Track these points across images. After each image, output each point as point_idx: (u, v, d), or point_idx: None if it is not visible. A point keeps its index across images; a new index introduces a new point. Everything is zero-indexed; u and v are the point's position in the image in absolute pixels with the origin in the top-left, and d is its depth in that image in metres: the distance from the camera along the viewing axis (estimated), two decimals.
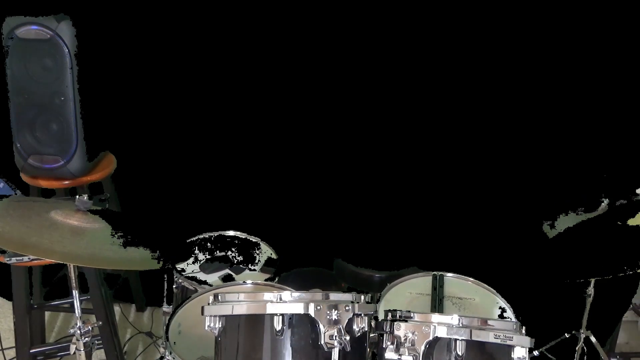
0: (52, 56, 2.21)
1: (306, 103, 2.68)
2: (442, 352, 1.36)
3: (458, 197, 2.72)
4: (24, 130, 2.29)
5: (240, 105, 2.72)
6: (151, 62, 2.66)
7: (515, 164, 2.64)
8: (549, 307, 2.54)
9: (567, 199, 2.19)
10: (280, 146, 2.76)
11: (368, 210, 2.79)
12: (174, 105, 2.74)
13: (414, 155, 2.70)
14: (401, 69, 2.59)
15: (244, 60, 2.64)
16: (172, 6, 2.57)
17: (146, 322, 2.97)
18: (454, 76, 2.57)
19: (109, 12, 2.54)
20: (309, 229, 2.77)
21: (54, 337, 2.85)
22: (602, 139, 2.53)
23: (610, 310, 2.60)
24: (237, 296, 1.43)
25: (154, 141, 2.79)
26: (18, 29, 2.19)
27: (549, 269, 1.85)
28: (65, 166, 2.32)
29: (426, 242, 2.65)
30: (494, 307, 1.90)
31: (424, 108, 2.63)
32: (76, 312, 1.68)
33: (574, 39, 2.44)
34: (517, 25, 2.46)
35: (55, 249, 1.41)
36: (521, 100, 2.57)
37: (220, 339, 1.45)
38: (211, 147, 2.78)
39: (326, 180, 2.77)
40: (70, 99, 2.25)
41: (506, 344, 1.37)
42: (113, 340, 2.38)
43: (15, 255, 1.99)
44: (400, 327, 1.37)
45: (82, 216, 1.58)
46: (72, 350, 1.70)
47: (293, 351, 1.36)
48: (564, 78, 2.51)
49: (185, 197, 2.86)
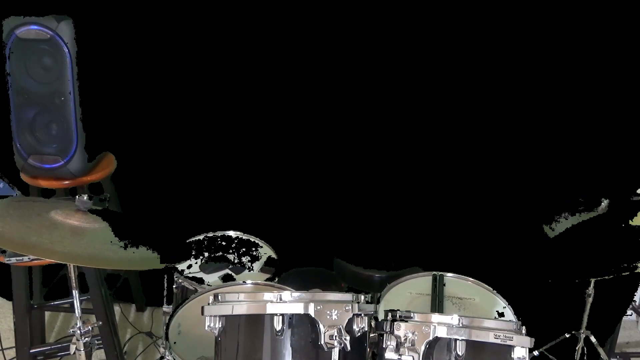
0: (52, 56, 2.21)
1: (306, 103, 2.68)
2: (442, 352, 1.37)
3: (458, 198, 2.72)
4: (24, 130, 2.29)
5: (240, 106, 2.72)
6: (151, 62, 2.66)
7: (515, 164, 2.64)
8: (549, 307, 2.54)
9: (567, 199, 2.19)
10: (280, 146, 2.76)
11: (368, 210, 2.79)
12: (173, 105, 2.74)
13: (413, 155, 2.70)
14: (401, 68, 2.59)
15: (243, 61, 2.64)
16: (172, 6, 2.57)
17: (146, 322, 2.97)
18: (454, 76, 2.57)
19: (109, 12, 2.54)
20: (309, 229, 2.77)
21: (54, 337, 2.85)
22: (602, 139, 2.53)
23: (610, 310, 2.60)
24: (237, 296, 1.43)
25: (154, 141, 2.79)
26: (18, 29, 2.19)
27: (549, 269, 1.85)
28: (65, 166, 2.32)
29: (426, 242, 2.65)
30: (494, 307, 1.90)
31: (425, 108, 2.63)
32: (76, 312, 1.68)
33: (575, 38, 2.44)
34: (518, 26, 2.46)
35: (55, 249, 1.41)
36: (522, 100, 2.57)
37: (220, 339, 1.45)
38: (211, 147, 2.78)
39: (326, 180, 2.76)
40: (70, 99, 2.25)
41: (506, 344, 1.36)
42: (113, 340, 2.38)
43: (15, 255, 1.99)
44: (400, 327, 1.37)
45: (82, 216, 1.58)
46: (72, 350, 1.70)
47: (293, 351, 1.37)
48: (564, 78, 2.51)
49: (185, 197, 2.86)
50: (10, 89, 2.26)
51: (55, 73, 2.23)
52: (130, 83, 2.68)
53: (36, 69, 2.23)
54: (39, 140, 2.31)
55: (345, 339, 1.36)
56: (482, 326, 1.40)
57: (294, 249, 2.50)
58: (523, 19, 2.45)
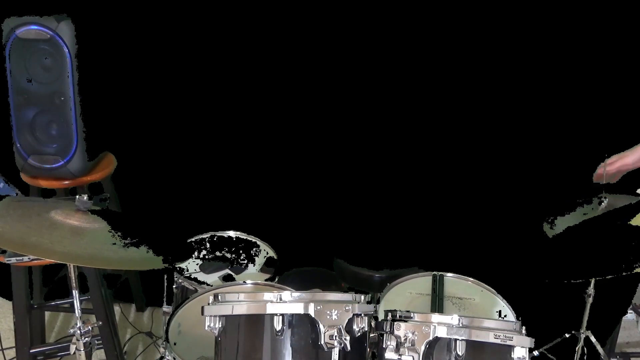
0: (52, 56, 2.21)
1: (306, 104, 2.68)
2: (442, 352, 1.36)
3: (458, 197, 2.72)
4: (24, 130, 2.30)
5: (240, 106, 2.72)
6: (151, 63, 2.66)
7: (515, 164, 2.64)
8: (549, 307, 2.54)
9: (567, 199, 2.19)
10: (280, 146, 2.76)
11: (368, 210, 2.79)
12: (173, 105, 2.74)
13: (413, 155, 2.70)
14: (400, 68, 2.59)
15: (243, 61, 2.64)
16: (172, 6, 2.57)
17: (146, 322, 2.97)
18: (454, 76, 2.58)
19: (109, 12, 2.54)
20: (309, 229, 2.77)
21: (54, 337, 2.85)
22: (602, 139, 2.53)
23: (610, 310, 2.60)
24: (237, 296, 1.43)
25: (154, 141, 2.79)
26: (18, 29, 2.19)
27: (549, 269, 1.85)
28: (65, 166, 2.32)
29: (426, 242, 2.65)
30: (493, 307, 1.90)
31: (425, 108, 2.64)
32: (76, 312, 1.67)
33: (575, 38, 2.44)
34: (519, 25, 2.46)
35: (55, 249, 1.41)
36: (521, 100, 2.57)
37: (220, 339, 1.44)
38: (211, 147, 2.78)
39: (326, 180, 2.77)
40: (70, 99, 2.25)
41: (506, 344, 1.36)
42: (113, 340, 2.38)
43: (15, 255, 1.99)
44: (400, 327, 1.37)
45: (82, 216, 1.58)
46: (72, 350, 1.70)
47: (293, 351, 1.36)
48: (565, 77, 2.51)
49: (185, 197, 2.86)
50: (11, 89, 2.26)
51: (55, 73, 2.23)
52: (130, 83, 2.68)
53: (36, 69, 2.23)
54: (39, 140, 2.31)
55: (345, 339, 1.36)
56: (482, 326, 1.40)
57: (294, 249, 2.50)
58: (523, 19, 2.45)
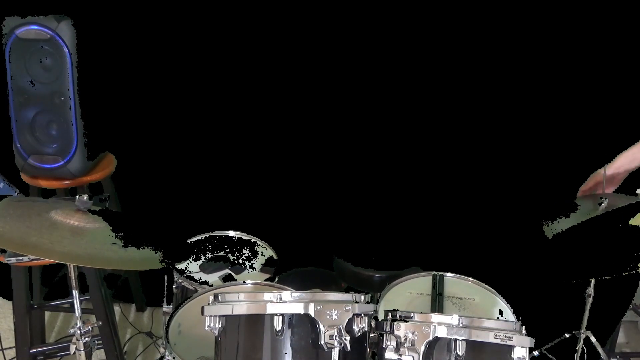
0: (52, 56, 2.21)
1: (306, 104, 2.68)
2: (442, 352, 1.36)
3: (458, 197, 2.72)
4: (24, 130, 2.30)
5: (240, 106, 2.72)
6: (151, 63, 2.66)
7: (515, 164, 2.64)
8: (549, 307, 2.54)
9: (567, 199, 2.19)
10: (280, 146, 2.76)
11: (368, 210, 2.79)
12: (173, 105, 2.74)
13: (413, 155, 2.70)
14: (400, 68, 2.59)
15: (243, 62, 2.64)
16: (172, 6, 2.57)
17: (146, 322, 2.97)
18: (455, 76, 2.57)
19: (109, 12, 2.54)
20: (309, 229, 2.77)
21: (54, 337, 2.85)
22: (602, 139, 2.53)
23: (610, 310, 2.60)
24: (237, 296, 1.43)
25: (154, 141, 2.79)
26: (18, 29, 2.19)
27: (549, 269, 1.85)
28: (65, 166, 2.32)
29: (426, 242, 2.65)
30: (494, 307, 1.90)
31: (425, 107, 2.64)
32: (76, 312, 1.67)
33: (576, 38, 2.44)
34: (518, 25, 2.46)
35: (55, 249, 1.41)
36: (521, 100, 2.57)
37: (220, 339, 1.44)
38: (211, 147, 2.78)
39: (326, 180, 2.77)
40: (70, 99, 2.25)
41: (506, 344, 1.36)
42: (113, 340, 2.38)
43: (15, 255, 1.99)
44: (400, 327, 1.37)
45: (82, 216, 1.58)
46: (72, 350, 1.70)
47: (293, 351, 1.36)
48: (565, 77, 2.51)
49: (185, 197, 2.86)
50: (10, 89, 2.26)
51: (55, 73, 2.23)
52: (130, 83, 2.68)
53: (36, 69, 2.23)
54: (39, 140, 2.31)
55: (345, 339, 1.35)
56: (482, 326, 1.40)
57: (294, 249, 2.50)
58: (523, 19, 2.45)
